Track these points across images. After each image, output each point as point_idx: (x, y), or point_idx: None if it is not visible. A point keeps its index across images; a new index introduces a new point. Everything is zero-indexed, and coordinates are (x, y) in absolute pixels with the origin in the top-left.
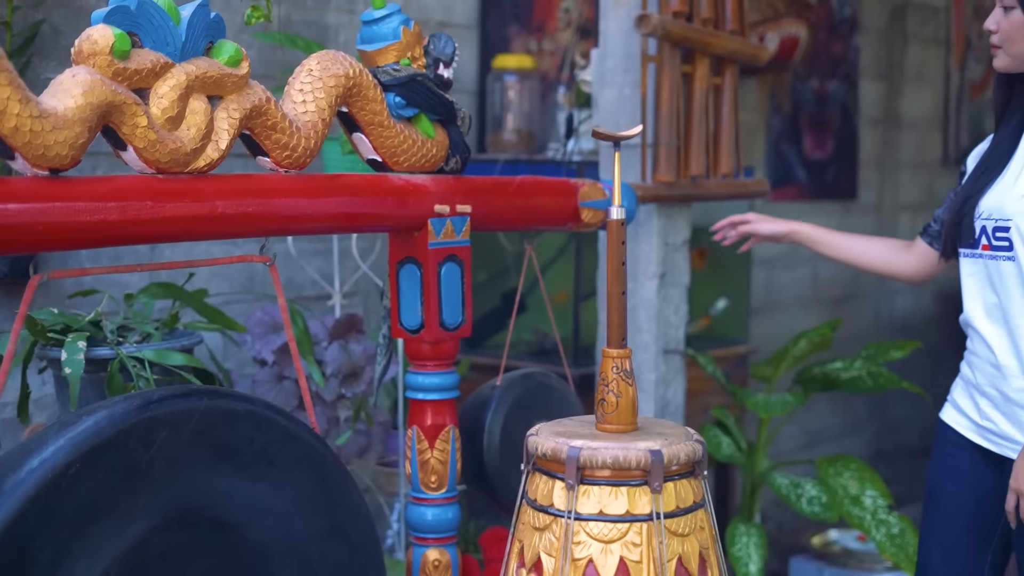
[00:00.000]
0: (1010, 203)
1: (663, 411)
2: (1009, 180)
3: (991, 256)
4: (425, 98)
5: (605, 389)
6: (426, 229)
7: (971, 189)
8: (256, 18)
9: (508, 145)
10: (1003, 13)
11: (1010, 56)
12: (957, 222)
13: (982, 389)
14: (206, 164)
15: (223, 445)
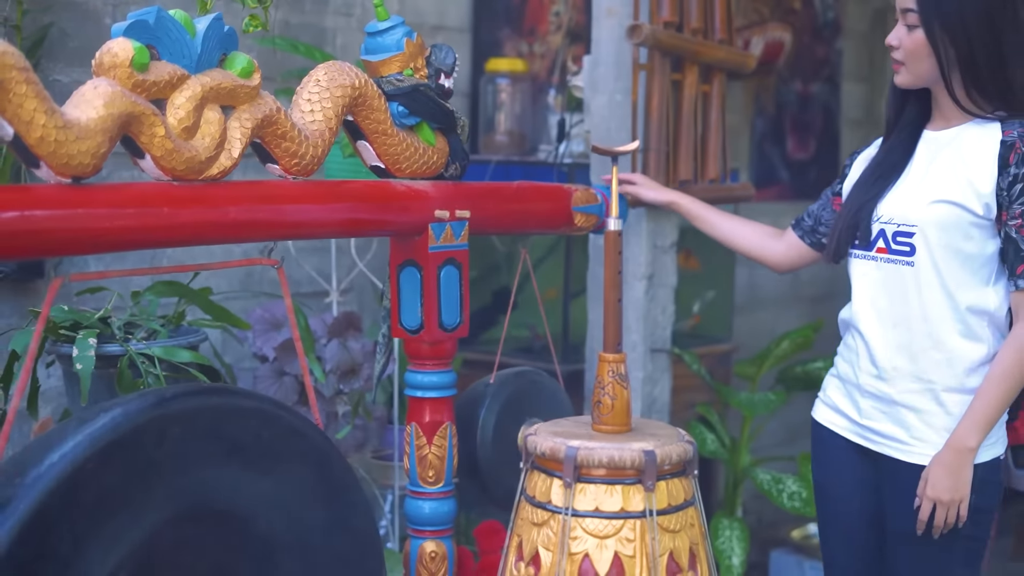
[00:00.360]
0: (915, 210)
1: (650, 408)
2: (910, 187)
3: (888, 259)
4: (427, 107)
5: (601, 392)
6: (426, 233)
7: (867, 193)
8: (254, 26)
9: (500, 146)
10: (907, 31)
11: (912, 74)
12: (853, 224)
13: (864, 389)
14: (219, 172)
15: (232, 441)
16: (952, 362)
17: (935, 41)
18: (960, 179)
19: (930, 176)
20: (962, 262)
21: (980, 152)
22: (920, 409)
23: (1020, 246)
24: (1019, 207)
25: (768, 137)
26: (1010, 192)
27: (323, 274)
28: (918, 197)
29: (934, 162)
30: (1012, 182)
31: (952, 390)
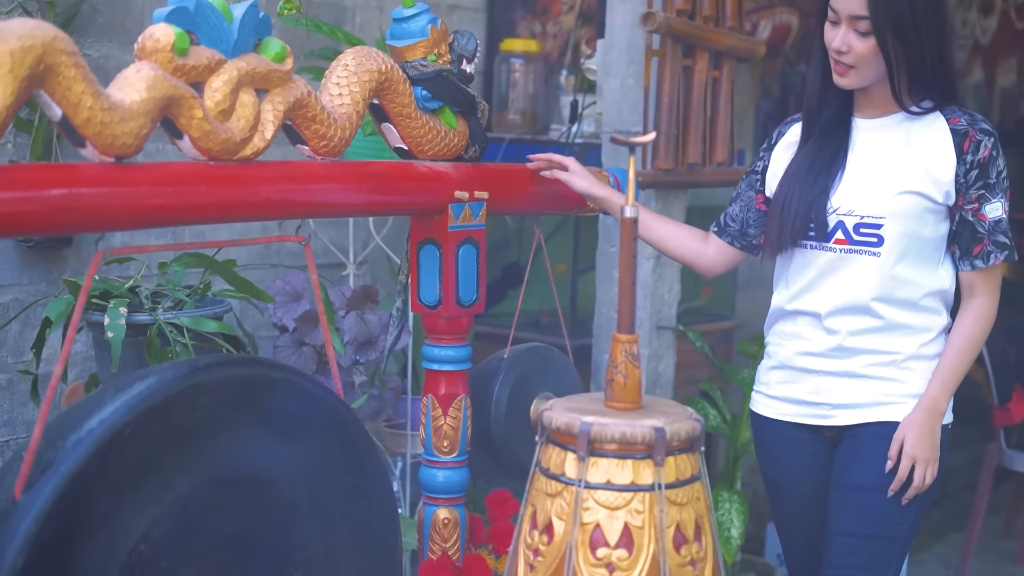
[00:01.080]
0: (881, 202)
1: (655, 384)
2: (865, 177)
3: (849, 250)
4: (449, 92)
5: (614, 370)
6: (446, 213)
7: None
8: (288, 9)
9: (513, 125)
10: (857, 37)
11: (862, 77)
12: (805, 218)
13: (812, 368)
14: (253, 152)
15: (260, 410)
16: (912, 336)
17: (886, 47)
18: (919, 169)
19: (888, 167)
20: (920, 247)
21: (933, 142)
22: (888, 378)
23: (976, 229)
24: (975, 192)
25: (773, 118)
26: (967, 179)
27: (339, 246)
28: (882, 189)
29: (884, 152)
30: (968, 169)
31: (913, 358)
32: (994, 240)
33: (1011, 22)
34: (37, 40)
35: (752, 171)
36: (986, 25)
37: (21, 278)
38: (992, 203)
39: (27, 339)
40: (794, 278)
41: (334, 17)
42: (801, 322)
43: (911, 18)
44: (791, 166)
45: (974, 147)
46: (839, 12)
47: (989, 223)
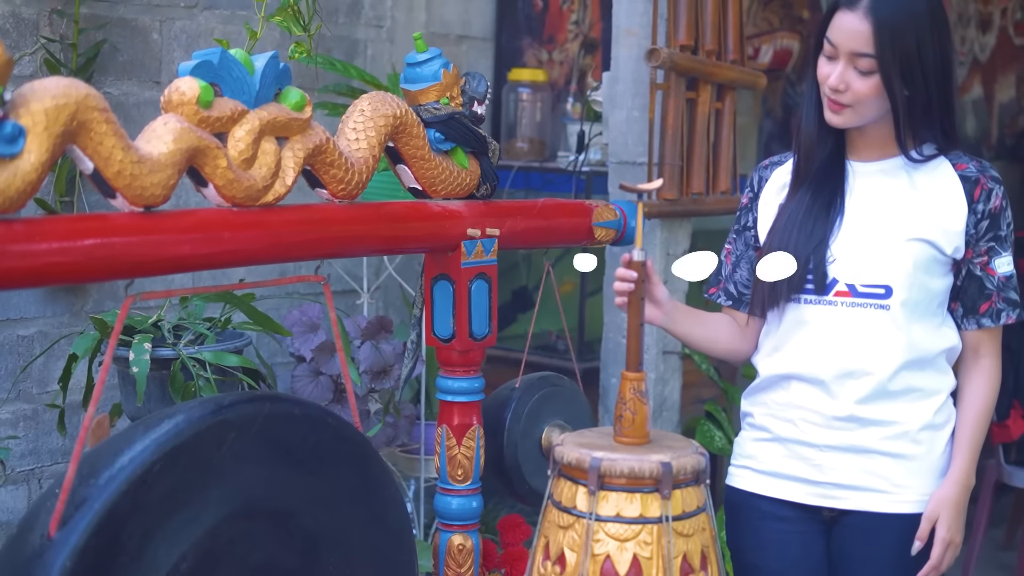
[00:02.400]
0: (889, 250)
1: (661, 407)
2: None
3: (853, 304)
4: (461, 133)
5: (623, 407)
6: (459, 250)
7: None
8: (299, 53)
9: (520, 153)
10: (857, 75)
11: (859, 116)
12: (802, 268)
13: (813, 442)
14: (274, 198)
15: (283, 444)
16: (923, 401)
17: (891, 87)
18: (929, 217)
19: (894, 213)
20: (929, 302)
21: (941, 189)
22: (899, 454)
23: (984, 284)
24: (984, 244)
25: (775, 139)
26: (977, 229)
27: (352, 274)
28: (888, 236)
29: (888, 198)
30: (979, 219)
31: (925, 428)
32: (1005, 297)
33: (1009, 38)
34: (71, 98)
35: (743, 227)
36: (985, 41)
37: (45, 311)
38: (1003, 256)
39: (51, 370)
40: (788, 338)
41: (346, 50)
42: (798, 389)
43: (917, 57)
44: (783, 213)
45: (985, 196)
46: (838, 46)
47: (999, 278)
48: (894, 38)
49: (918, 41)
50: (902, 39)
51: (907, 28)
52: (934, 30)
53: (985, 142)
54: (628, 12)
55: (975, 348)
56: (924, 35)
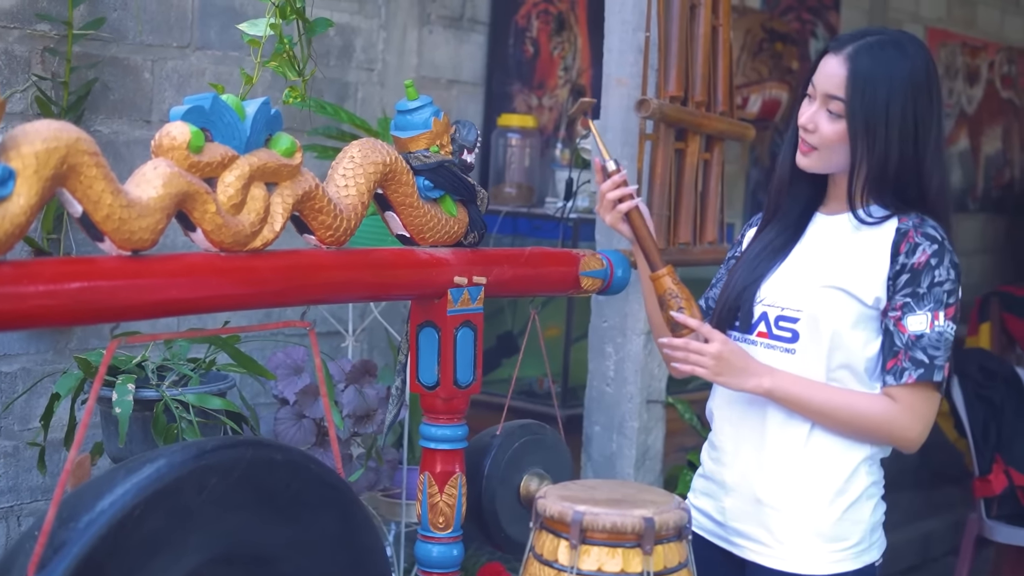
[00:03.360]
0: (802, 294)
1: (644, 457)
2: (795, 269)
3: (768, 345)
4: (450, 182)
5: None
6: (446, 298)
7: (751, 273)
8: (293, 98)
9: (508, 198)
10: (827, 118)
11: (823, 161)
12: (734, 305)
13: (728, 487)
14: (262, 243)
15: (264, 490)
16: (832, 461)
17: (855, 136)
18: (851, 265)
19: (819, 259)
20: (847, 355)
21: (873, 240)
22: (786, 510)
23: (894, 340)
24: (900, 299)
25: (762, 188)
26: (895, 282)
27: (337, 316)
28: (805, 280)
29: (824, 246)
30: (899, 271)
31: (821, 488)
32: (912, 356)
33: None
34: (61, 142)
35: (730, 258)
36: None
37: (28, 347)
38: (916, 315)
39: (33, 406)
40: None
41: (336, 92)
42: (716, 427)
43: (884, 114)
44: (746, 253)
45: (910, 249)
46: (817, 88)
47: (908, 336)
48: (866, 88)
49: (888, 99)
50: (873, 92)
51: (880, 83)
52: (911, 95)
53: (971, 194)
54: (619, 62)
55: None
56: (897, 95)
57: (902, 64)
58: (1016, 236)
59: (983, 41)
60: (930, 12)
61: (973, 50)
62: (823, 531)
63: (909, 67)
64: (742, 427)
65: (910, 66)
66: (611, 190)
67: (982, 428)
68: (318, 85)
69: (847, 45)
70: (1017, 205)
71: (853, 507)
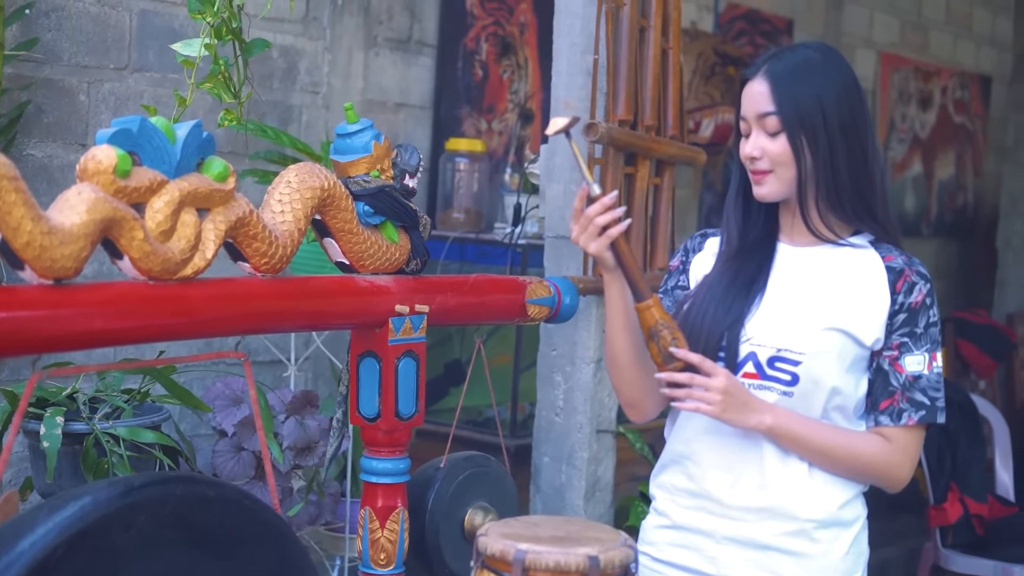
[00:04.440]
0: (804, 336)
1: (594, 488)
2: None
3: (760, 386)
4: (391, 207)
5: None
6: (387, 327)
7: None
8: (229, 121)
9: (457, 223)
10: (769, 138)
11: (782, 182)
12: (715, 344)
13: (708, 531)
14: (193, 271)
15: (196, 527)
16: (824, 497)
17: (797, 141)
18: (850, 307)
19: (815, 298)
20: (843, 397)
21: (866, 277)
22: (794, 552)
23: (889, 379)
24: (897, 338)
25: (716, 212)
26: (893, 321)
27: (279, 345)
28: (806, 321)
29: (811, 281)
30: (897, 311)
31: (826, 525)
32: (910, 397)
33: (949, 116)
34: None
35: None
36: (925, 119)
37: None
38: (914, 355)
39: None
40: (692, 416)
41: (280, 116)
42: (696, 473)
43: (821, 116)
44: (704, 285)
45: (908, 288)
46: (748, 118)
47: (906, 377)
48: (792, 90)
49: (818, 93)
50: (800, 91)
51: (804, 83)
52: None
53: (924, 219)
54: (567, 85)
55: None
56: (823, 87)
57: (820, 63)
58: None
59: (936, 66)
60: (883, 37)
61: (926, 75)
62: (834, 568)
63: (829, 65)
64: (737, 470)
65: (830, 64)
66: (600, 214)
67: (937, 456)
68: (260, 108)
69: (759, 67)
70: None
71: (857, 540)
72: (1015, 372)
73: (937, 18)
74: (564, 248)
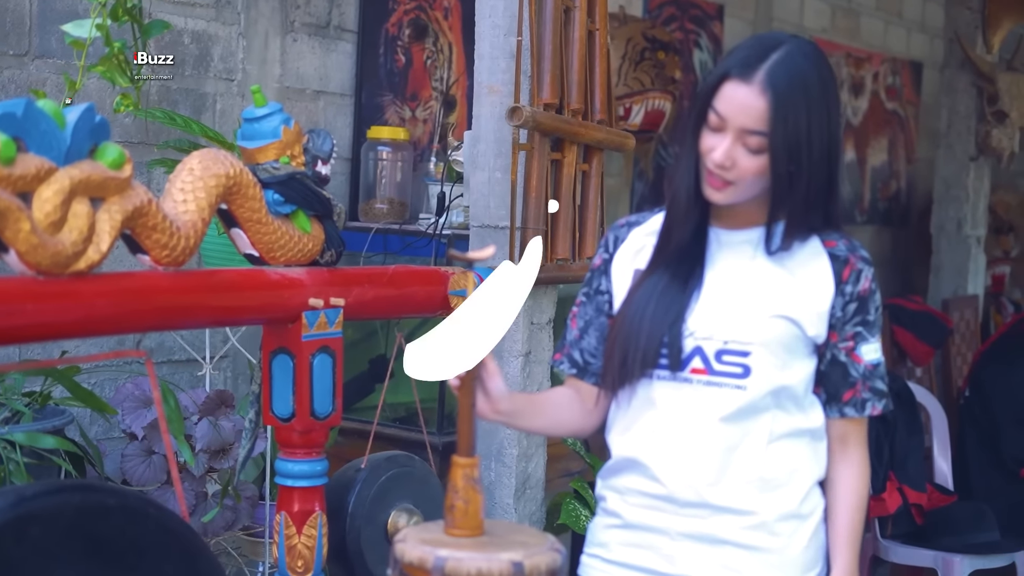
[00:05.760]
0: (751, 326)
1: (524, 485)
2: (725, 297)
3: (709, 382)
4: (303, 195)
5: (455, 496)
6: (300, 322)
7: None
8: (125, 106)
9: (380, 215)
10: (746, 153)
11: (741, 194)
12: (656, 343)
13: (664, 529)
14: (87, 265)
15: (96, 539)
16: (784, 489)
17: (779, 167)
18: (794, 294)
19: (758, 287)
20: (791, 384)
21: (809, 267)
22: (754, 547)
23: (848, 371)
24: (851, 329)
25: (647, 200)
26: (844, 312)
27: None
28: (751, 311)
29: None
30: (847, 302)
31: (786, 518)
32: (871, 387)
33: (881, 102)
34: None
35: (595, 291)
36: (857, 105)
37: None
38: (870, 343)
39: None
40: (639, 417)
41: (193, 103)
42: (649, 472)
43: (807, 135)
44: (641, 285)
45: (855, 277)
46: (727, 120)
47: (865, 366)
48: (787, 116)
49: (808, 118)
50: (795, 117)
51: (800, 109)
52: (826, 112)
53: (858, 206)
54: (490, 68)
55: (842, 439)
56: (814, 111)
57: (816, 81)
58: (904, 248)
59: (867, 52)
60: (814, 23)
61: (857, 61)
62: (795, 561)
63: (819, 80)
64: (692, 467)
65: (819, 78)
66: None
67: (875, 446)
68: (172, 96)
69: (755, 70)
70: (904, 216)
71: (815, 532)
72: (951, 359)
73: (868, 4)
74: (490, 237)
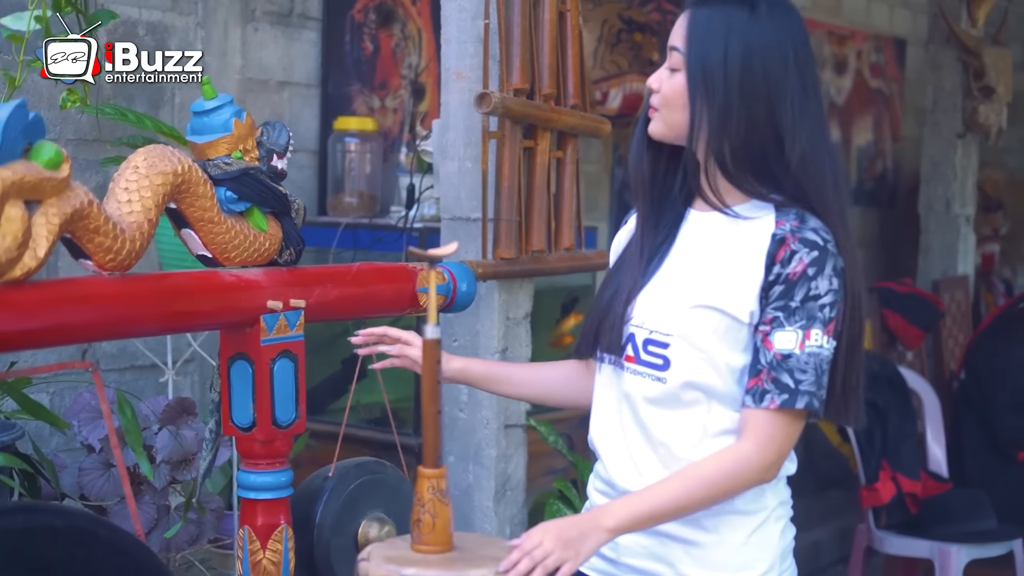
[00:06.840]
0: (671, 316)
1: (504, 487)
2: (666, 284)
3: (635, 371)
4: (257, 192)
5: (421, 510)
6: (258, 325)
7: (622, 287)
8: (72, 102)
9: (349, 208)
10: (669, 74)
11: (666, 124)
12: (596, 325)
13: None
14: (23, 273)
15: (43, 562)
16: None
17: (692, 85)
18: (724, 279)
19: (690, 273)
20: (724, 378)
21: (749, 247)
22: (687, 540)
23: (758, 357)
24: (771, 312)
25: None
26: (768, 294)
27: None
28: (675, 299)
29: (695, 254)
30: (773, 282)
31: (718, 513)
32: (775, 378)
33: (865, 81)
34: None
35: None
36: (840, 84)
37: None
38: (785, 331)
39: None
40: (594, 401)
41: (150, 96)
42: (604, 461)
43: (722, 63)
44: (617, 260)
45: (787, 257)
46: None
47: (774, 355)
48: (704, 36)
49: (727, 46)
50: (711, 39)
51: (718, 32)
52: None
53: None
54: (458, 53)
55: (741, 428)
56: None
57: (746, 16)
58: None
59: (850, 30)
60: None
61: (840, 39)
62: (728, 560)
63: (755, 20)
64: (637, 459)
65: (757, 20)
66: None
67: (867, 434)
68: (128, 91)
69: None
70: (891, 197)
71: (759, 531)
72: (943, 341)
73: None
74: (462, 230)
